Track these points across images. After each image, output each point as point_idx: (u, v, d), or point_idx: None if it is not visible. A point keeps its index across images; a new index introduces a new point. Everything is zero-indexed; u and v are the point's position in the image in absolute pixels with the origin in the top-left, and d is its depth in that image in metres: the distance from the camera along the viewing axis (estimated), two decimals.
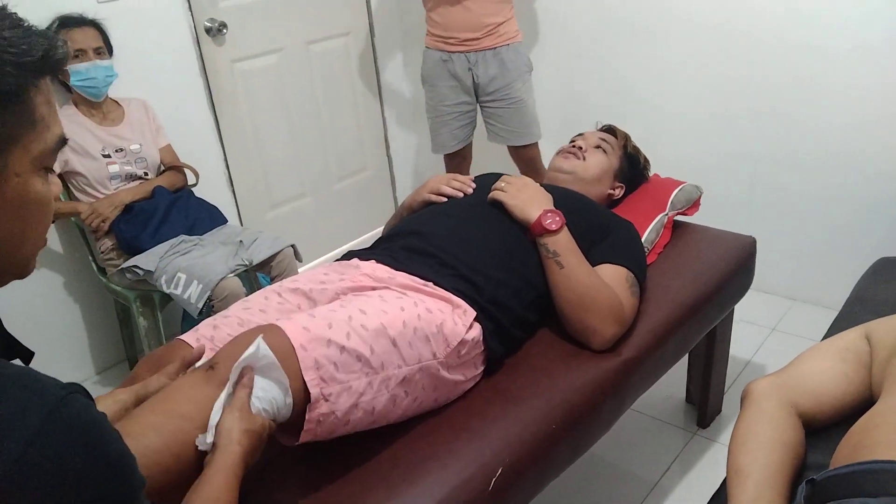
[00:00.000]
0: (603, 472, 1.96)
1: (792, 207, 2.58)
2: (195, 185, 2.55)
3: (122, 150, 2.34)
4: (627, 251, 1.62)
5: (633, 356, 1.51)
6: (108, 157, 2.31)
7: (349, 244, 3.37)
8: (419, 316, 1.29)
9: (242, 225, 2.90)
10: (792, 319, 2.58)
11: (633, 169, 1.97)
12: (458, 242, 1.51)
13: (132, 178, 2.36)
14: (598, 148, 1.90)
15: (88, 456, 0.61)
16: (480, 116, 2.85)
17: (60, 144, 0.73)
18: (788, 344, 2.42)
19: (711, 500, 1.15)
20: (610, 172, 1.90)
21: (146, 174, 2.40)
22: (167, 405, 1.04)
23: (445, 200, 1.73)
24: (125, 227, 2.27)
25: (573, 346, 1.51)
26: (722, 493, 1.10)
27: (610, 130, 2.00)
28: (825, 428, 1.12)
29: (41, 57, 0.68)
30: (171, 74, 2.62)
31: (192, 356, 1.19)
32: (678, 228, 2.00)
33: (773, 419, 1.07)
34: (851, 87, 2.32)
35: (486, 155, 3.12)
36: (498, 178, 1.72)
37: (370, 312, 1.24)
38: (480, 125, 2.88)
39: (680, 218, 2.01)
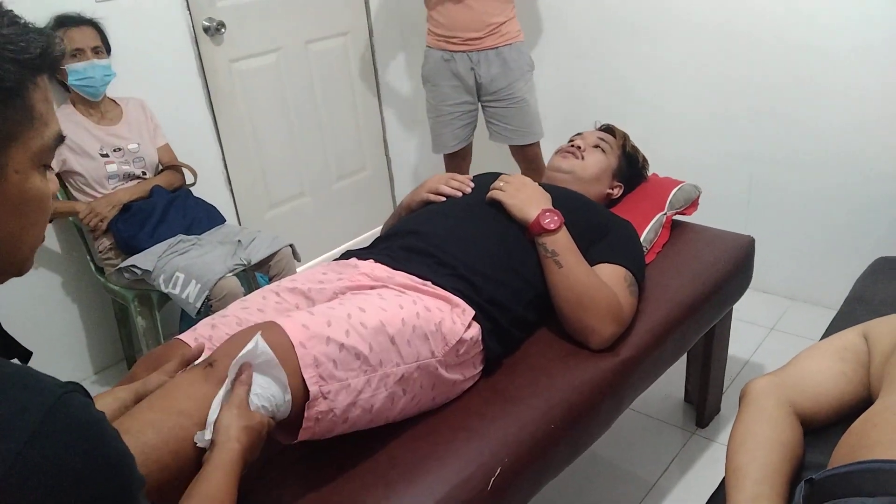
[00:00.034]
0: (601, 471, 1.96)
1: (791, 207, 2.58)
2: (193, 184, 2.54)
3: (120, 149, 2.34)
4: (626, 251, 1.62)
5: (631, 356, 1.51)
6: (106, 156, 2.31)
7: (348, 244, 3.36)
8: (418, 314, 1.29)
9: (241, 224, 2.89)
10: (790, 319, 2.58)
11: (631, 168, 1.97)
12: (456, 242, 1.51)
13: (130, 177, 2.36)
14: (596, 147, 1.90)
15: (88, 455, 0.61)
16: (481, 116, 2.85)
17: (58, 141, 0.73)
18: (787, 343, 2.42)
19: (710, 499, 1.15)
20: (608, 172, 1.91)
21: (144, 174, 2.39)
22: (166, 402, 1.04)
23: (444, 200, 1.73)
24: (123, 226, 2.27)
25: (572, 345, 1.51)
26: (720, 492, 1.10)
27: (608, 130, 2.00)
28: (824, 427, 1.12)
29: (40, 54, 0.68)
30: (169, 74, 2.61)
31: (191, 354, 1.19)
32: (677, 228, 2.00)
33: (771, 419, 1.07)
34: (851, 87, 2.32)
35: (486, 154, 3.12)
36: (496, 177, 1.72)
37: (369, 310, 1.24)
38: (480, 125, 2.87)
39: (679, 217, 2.02)
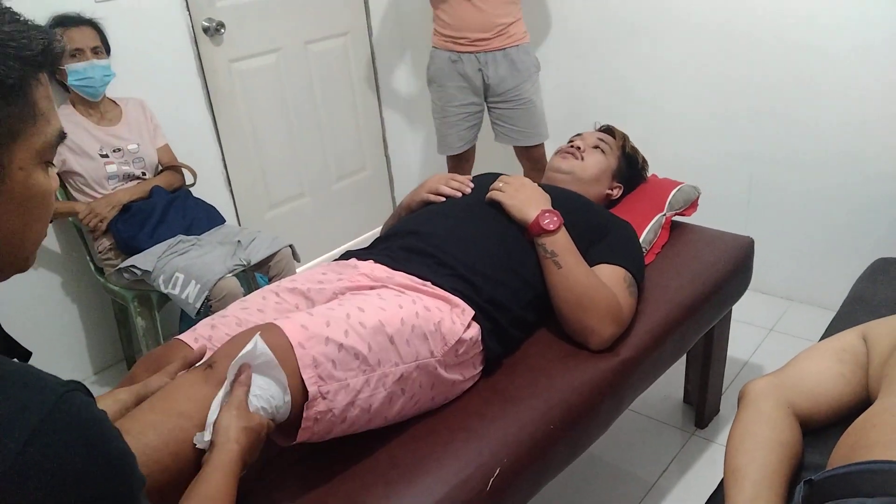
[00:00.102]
0: (601, 472, 1.96)
1: (790, 208, 2.58)
2: (193, 184, 2.54)
3: (119, 149, 2.34)
4: (625, 251, 1.62)
5: (631, 356, 1.51)
6: (105, 156, 2.31)
7: (347, 244, 3.36)
8: (417, 314, 1.29)
9: (240, 225, 2.89)
10: (790, 320, 2.58)
11: (631, 169, 1.97)
12: (456, 242, 1.51)
13: (130, 177, 2.36)
14: (596, 148, 1.90)
15: (89, 454, 0.61)
16: (485, 117, 2.84)
17: (60, 138, 0.74)
18: (786, 344, 2.42)
19: (709, 500, 1.15)
20: (608, 172, 1.91)
21: (144, 174, 2.39)
22: (166, 404, 1.04)
23: (444, 200, 1.73)
24: (123, 226, 2.26)
25: (571, 346, 1.51)
26: (719, 493, 1.10)
27: (608, 130, 2.00)
28: (823, 428, 1.12)
29: (41, 51, 0.69)
30: (168, 74, 2.61)
31: (193, 356, 1.19)
32: (676, 229, 2.00)
33: (770, 419, 1.07)
34: (851, 87, 2.32)
35: (488, 155, 3.12)
36: (496, 177, 1.72)
37: (368, 310, 1.24)
38: (483, 125, 2.87)
39: (678, 218, 2.02)
